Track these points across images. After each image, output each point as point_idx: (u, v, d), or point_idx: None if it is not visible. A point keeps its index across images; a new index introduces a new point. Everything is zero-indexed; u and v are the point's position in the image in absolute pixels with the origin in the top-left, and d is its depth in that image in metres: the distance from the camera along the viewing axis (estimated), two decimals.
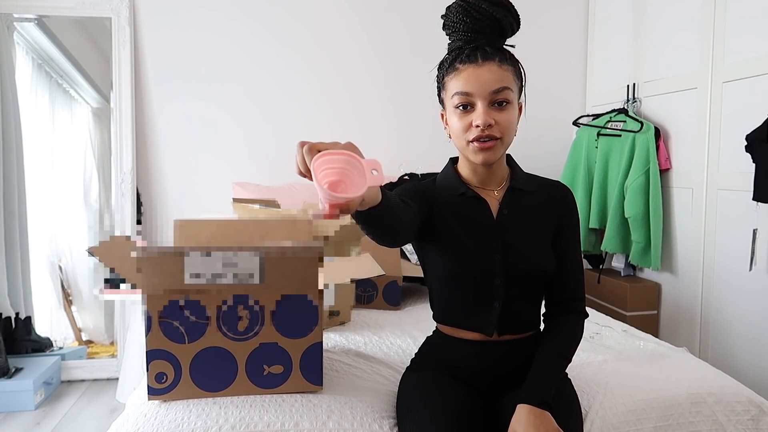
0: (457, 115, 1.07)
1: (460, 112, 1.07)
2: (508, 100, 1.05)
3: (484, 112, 1.04)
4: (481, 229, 1.14)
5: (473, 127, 1.05)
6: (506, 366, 1.15)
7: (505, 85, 1.05)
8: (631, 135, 2.55)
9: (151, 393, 1.15)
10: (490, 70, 1.04)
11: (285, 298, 1.17)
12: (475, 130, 1.05)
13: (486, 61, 1.05)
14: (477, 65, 1.05)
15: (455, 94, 1.06)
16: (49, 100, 2.79)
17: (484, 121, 1.03)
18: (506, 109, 1.06)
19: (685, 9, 2.41)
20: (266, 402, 1.16)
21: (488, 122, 1.03)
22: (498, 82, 1.04)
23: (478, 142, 1.05)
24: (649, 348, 1.60)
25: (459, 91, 1.06)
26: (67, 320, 2.81)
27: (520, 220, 1.16)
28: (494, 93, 1.04)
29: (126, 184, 2.71)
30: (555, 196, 1.19)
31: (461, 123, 1.07)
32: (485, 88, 1.04)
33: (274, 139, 2.92)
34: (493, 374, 1.15)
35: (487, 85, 1.04)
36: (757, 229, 2.05)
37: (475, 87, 1.04)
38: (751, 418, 1.28)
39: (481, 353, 1.15)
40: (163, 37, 2.77)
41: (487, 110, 1.04)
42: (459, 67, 1.06)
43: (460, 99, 1.06)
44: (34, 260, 2.71)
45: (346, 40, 2.95)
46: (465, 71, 1.05)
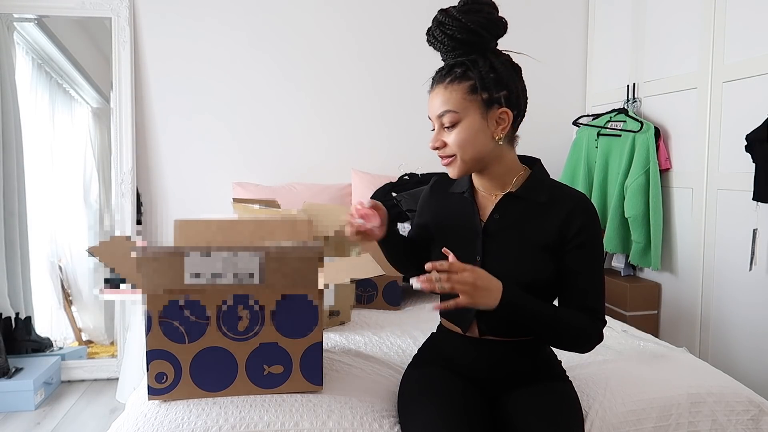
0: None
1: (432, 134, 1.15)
2: (452, 122, 1.09)
3: (434, 136, 1.13)
4: (468, 231, 1.18)
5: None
6: (502, 365, 1.15)
7: (447, 109, 1.09)
8: (631, 135, 2.55)
9: (151, 393, 1.15)
10: (436, 95, 1.11)
11: (285, 298, 1.17)
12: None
13: (436, 85, 1.12)
14: (431, 91, 1.14)
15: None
16: (49, 100, 2.79)
17: (432, 145, 1.13)
18: (455, 129, 1.10)
19: (685, 9, 2.41)
20: (266, 402, 1.16)
21: (434, 145, 1.13)
22: (440, 107, 1.10)
23: (442, 159, 1.14)
24: (649, 348, 1.60)
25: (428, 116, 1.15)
26: (67, 320, 2.81)
27: (511, 225, 1.14)
28: (439, 117, 1.11)
29: (126, 184, 2.71)
30: (562, 210, 1.12)
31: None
32: (433, 113, 1.12)
33: (275, 139, 2.92)
34: (489, 373, 1.16)
35: (433, 111, 1.12)
36: (757, 229, 2.05)
37: (431, 112, 1.13)
38: (751, 418, 1.28)
39: (475, 349, 1.16)
40: (163, 37, 2.77)
41: (439, 132, 1.12)
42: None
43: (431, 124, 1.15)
44: (34, 260, 2.71)
45: (345, 40, 2.95)
46: (429, 97, 1.15)
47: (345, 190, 2.86)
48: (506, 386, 1.15)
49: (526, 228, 1.14)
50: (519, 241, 1.13)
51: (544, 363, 1.20)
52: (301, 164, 2.93)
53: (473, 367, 1.17)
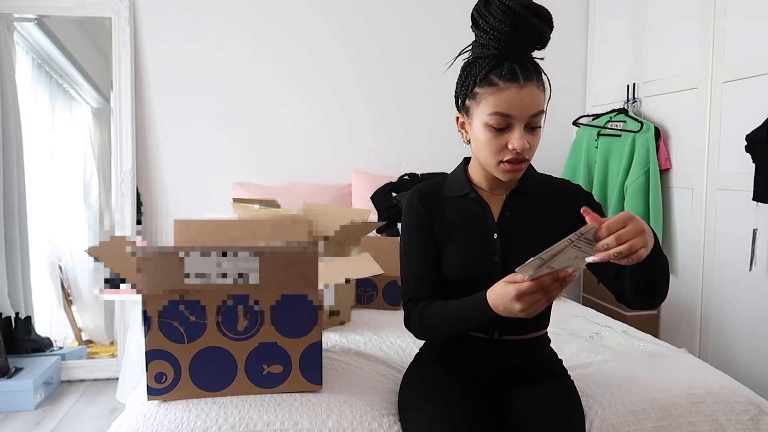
0: (491, 133, 1.04)
1: (495, 132, 1.04)
2: (540, 124, 1.05)
3: (521, 137, 1.02)
4: (482, 231, 1.14)
5: (508, 149, 1.03)
6: (512, 365, 1.15)
7: (542, 109, 1.04)
8: (631, 135, 2.55)
9: (150, 393, 1.15)
10: (531, 94, 1.01)
11: (284, 298, 1.17)
12: (509, 152, 1.03)
13: (528, 82, 1.01)
14: (519, 86, 1.00)
15: (494, 114, 1.02)
16: (49, 100, 2.79)
17: (522, 146, 1.02)
18: (537, 131, 1.05)
19: (685, 9, 2.41)
20: (266, 402, 1.16)
21: (525, 146, 1.02)
22: (537, 106, 1.02)
23: (511, 164, 1.04)
24: (649, 348, 1.59)
25: (500, 112, 1.02)
26: (67, 320, 2.82)
27: (523, 221, 1.14)
28: (532, 117, 1.03)
29: (126, 184, 2.71)
30: (564, 195, 1.17)
31: (495, 143, 1.04)
32: (526, 113, 1.01)
33: (275, 139, 2.92)
34: (498, 373, 1.15)
35: (528, 110, 1.01)
36: (757, 229, 2.05)
37: (517, 110, 1.01)
38: (751, 418, 1.27)
39: (486, 352, 1.15)
40: (163, 37, 2.77)
41: (524, 134, 1.03)
42: (499, 84, 1.01)
43: (499, 120, 1.02)
44: (34, 260, 2.71)
45: (345, 40, 2.95)
46: (507, 91, 1.01)
47: (345, 190, 2.86)
48: (509, 384, 1.15)
49: (537, 221, 1.14)
50: (534, 235, 1.13)
51: (547, 361, 1.21)
52: (300, 164, 2.93)
53: (482, 367, 1.16)
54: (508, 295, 0.92)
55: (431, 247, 1.16)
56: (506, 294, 0.93)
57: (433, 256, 1.16)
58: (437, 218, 1.16)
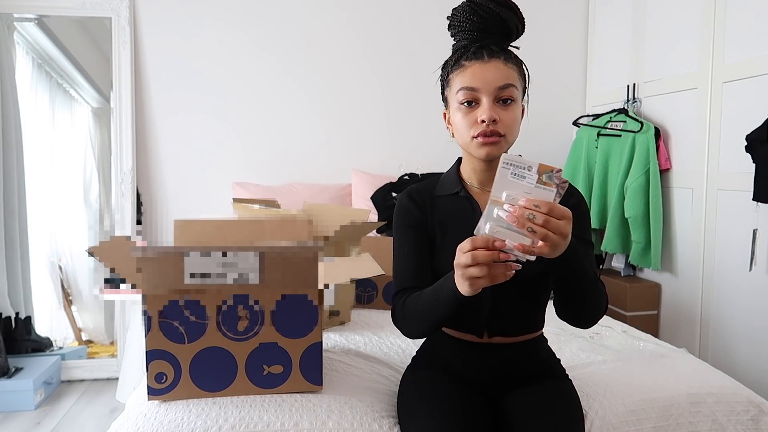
0: (462, 112, 1.07)
1: (465, 108, 1.07)
2: (512, 97, 1.05)
3: (489, 108, 1.04)
4: (470, 228, 1.13)
5: (478, 122, 1.05)
6: (505, 368, 1.15)
7: (510, 82, 1.05)
8: (631, 135, 2.55)
9: (150, 393, 1.15)
10: (496, 67, 1.05)
11: (285, 298, 1.17)
12: (480, 125, 1.05)
13: (492, 58, 1.05)
14: (483, 62, 1.05)
15: (460, 90, 1.07)
16: (49, 100, 2.79)
17: (489, 116, 1.03)
18: (510, 107, 1.06)
19: (685, 9, 2.41)
20: (266, 402, 1.16)
21: (493, 117, 1.03)
22: (503, 79, 1.04)
23: (483, 137, 1.05)
24: (649, 348, 1.60)
25: (464, 86, 1.06)
26: (67, 320, 2.82)
27: None
28: (499, 89, 1.04)
29: (126, 184, 2.71)
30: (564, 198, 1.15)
31: (466, 119, 1.07)
32: (491, 84, 1.04)
33: (275, 139, 2.92)
34: (491, 376, 1.15)
35: (493, 82, 1.04)
36: (757, 229, 2.05)
37: (481, 83, 1.04)
38: (751, 418, 1.28)
39: (478, 354, 1.15)
40: (163, 37, 2.77)
41: (492, 106, 1.04)
42: (464, 64, 1.07)
43: (465, 95, 1.06)
44: (34, 260, 2.71)
45: (345, 40, 2.95)
46: (471, 67, 1.06)
47: (345, 190, 2.86)
48: (507, 387, 1.14)
49: None
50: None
51: (545, 362, 1.21)
52: (301, 164, 2.93)
53: (476, 371, 1.15)
54: (459, 250, 0.89)
55: (422, 242, 1.16)
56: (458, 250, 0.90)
57: (424, 251, 1.16)
58: (428, 216, 1.17)
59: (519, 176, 0.83)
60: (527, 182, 0.83)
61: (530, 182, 0.82)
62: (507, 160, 0.83)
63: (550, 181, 0.83)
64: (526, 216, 0.82)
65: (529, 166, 0.82)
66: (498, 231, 0.84)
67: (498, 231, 0.84)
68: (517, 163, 0.83)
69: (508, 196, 0.83)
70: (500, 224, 0.83)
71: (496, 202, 0.84)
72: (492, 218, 0.84)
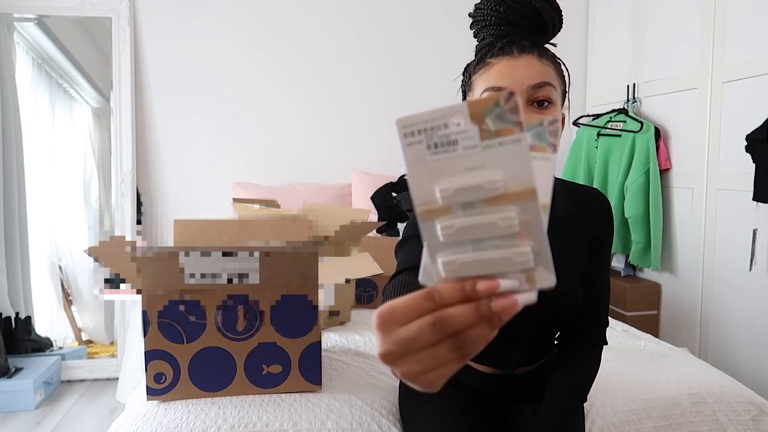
0: None
1: None
2: (549, 98, 0.87)
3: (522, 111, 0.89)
4: None
5: None
6: (517, 389, 1.09)
7: (547, 80, 0.86)
8: (631, 135, 2.55)
9: (150, 393, 1.15)
10: (529, 63, 0.87)
11: (284, 298, 1.17)
12: None
13: (523, 53, 0.87)
14: (512, 57, 0.87)
15: (485, 91, 0.88)
16: (49, 100, 2.79)
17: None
18: (548, 110, 0.87)
19: (685, 9, 2.41)
20: (265, 402, 1.15)
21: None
22: (537, 76, 0.86)
23: None
24: (650, 348, 1.59)
25: (490, 87, 0.87)
26: (67, 320, 2.81)
27: (558, 253, 0.99)
28: (533, 88, 0.86)
29: (126, 184, 2.71)
30: (590, 210, 1.01)
31: None
32: (522, 83, 0.85)
33: (275, 139, 2.92)
34: (502, 397, 1.10)
35: (525, 79, 0.85)
36: (757, 229, 2.05)
37: (510, 81, 0.86)
38: (752, 418, 1.27)
39: (494, 381, 1.07)
40: (163, 37, 2.77)
41: (526, 109, 0.85)
42: (490, 62, 0.89)
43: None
44: (34, 260, 2.71)
45: (344, 40, 2.95)
46: (497, 64, 0.88)
47: (345, 190, 2.86)
48: (517, 400, 1.09)
49: (570, 249, 0.97)
50: (567, 268, 0.95)
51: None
52: (301, 164, 2.93)
53: (486, 393, 1.08)
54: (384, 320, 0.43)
55: None
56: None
57: None
58: None
59: (443, 145, 0.41)
60: (465, 149, 0.41)
61: (470, 145, 0.40)
62: (405, 123, 0.41)
63: (510, 127, 0.40)
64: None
65: (449, 114, 0.40)
66: (463, 263, 0.42)
67: (463, 263, 0.42)
68: (426, 121, 0.41)
69: (444, 192, 0.41)
70: (459, 247, 0.42)
71: (429, 210, 0.42)
72: (436, 242, 0.42)
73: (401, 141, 0.42)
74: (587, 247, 1.00)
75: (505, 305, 0.40)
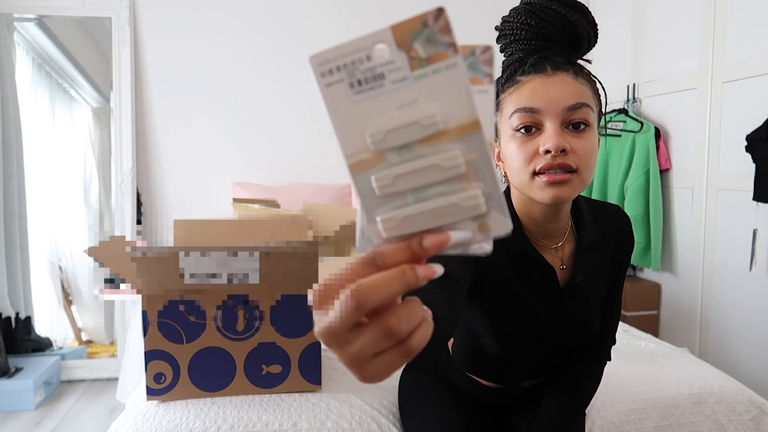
0: (518, 141, 0.80)
1: (522, 136, 0.80)
2: (586, 121, 0.80)
3: (556, 133, 0.77)
4: (542, 304, 0.91)
5: (540, 153, 0.78)
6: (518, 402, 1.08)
7: (584, 101, 0.80)
8: (631, 135, 2.55)
9: (149, 393, 1.15)
10: (564, 82, 0.80)
11: (284, 298, 1.17)
12: (543, 157, 0.78)
13: (557, 71, 0.80)
14: (546, 75, 0.80)
15: (515, 112, 0.80)
16: (49, 100, 2.79)
17: (557, 144, 0.76)
18: (585, 133, 0.80)
19: (685, 9, 2.41)
20: (265, 402, 1.15)
21: (562, 146, 0.77)
22: (574, 97, 0.79)
23: (548, 174, 0.78)
24: (650, 348, 1.59)
25: (521, 107, 0.80)
26: (67, 320, 2.82)
27: (589, 284, 0.93)
28: (569, 110, 0.79)
29: (126, 184, 2.71)
30: (613, 231, 0.97)
31: (523, 150, 0.80)
32: (557, 104, 0.78)
33: (275, 139, 2.92)
34: (502, 407, 1.09)
35: (560, 100, 0.78)
36: (757, 229, 2.05)
37: (544, 102, 0.79)
38: (752, 418, 1.27)
39: (494, 396, 1.06)
40: (163, 37, 2.77)
41: (560, 132, 0.79)
42: (521, 80, 0.82)
43: (522, 118, 0.79)
44: (34, 260, 2.72)
45: (342, 39, 2.95)
46: (529, 83, 0.81)
47: (345, 190, 2.86)
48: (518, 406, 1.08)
49: (594, 283, 0.94)
50: (595, 297, 0.95)
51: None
52: (300, 164, 2.93)
53: (488, 403, 1.07)
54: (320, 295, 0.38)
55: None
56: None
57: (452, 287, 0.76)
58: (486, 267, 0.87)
59: (368, 81, 0.36)
60: (393, 83, 0.35)
61: (399, 78, 0.35)
62: (321, 59, 0.39)
63: (443, 50, 0.35)
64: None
65: (370, 42, 0.36)
66: (406, 217, 0.37)
67: (406, 217, 0.37)
68: (345, 54, 0.37)
69: (375, 137, 0.36)
70: (399, 200, 0.37)
71: (360, 162, 0.37)
72: (372, 198, 0.37)
73: (318, 82, 0.37)
74: (610, 271, 0.97)
75: (437, 242, 0.35)
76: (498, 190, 0.36)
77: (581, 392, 1.00)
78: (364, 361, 0.35)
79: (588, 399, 1.01)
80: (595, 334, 0.98)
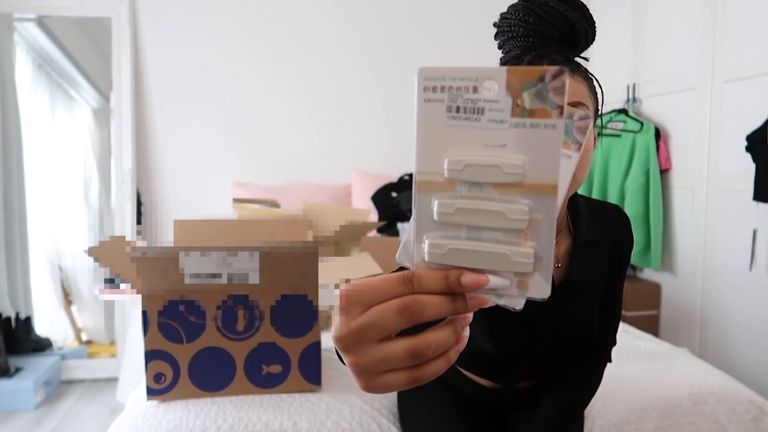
0: None
1: None
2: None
3: None
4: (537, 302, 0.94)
5: None
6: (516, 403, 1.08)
7: (580, 101, 0.80)
8: (631, 135, 2.55)
9: (149, 393, 1.15)
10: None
11: (284, 298, 1.17)
12: None
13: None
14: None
15: None
16: (49, 100, 2.79)
17: None
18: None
19: (685, 9, 2.41)
20: (265, 402, 1.15)
21: None
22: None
23: None
24: (650, 348, 1.59)
25: None
26: (67, 320, 2.81)
27: (582, 280, 0.94)
28: None
29: (126, 184, 2.71)
30: (612, 231, 0.97)
31: None
32: None
33: (275, 139, 2.92)
34: (500, 408, 1.09)
35: None
36: (757, 229, 2.05)
37: None
38: (752, 418, 1.27)
39: (491, 396, 1.06)
40: (163, 37, 2.77)
41: None
42: None
43: None
44: (34, 260, 2.71)
45: (343, 40, 2.95)
46: None
47: (345, 190, 2.86)
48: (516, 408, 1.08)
49: (590, 280, 0.94)
50: (591, 296, 0.94)
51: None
52: (300, 164, 2.93)
53: (486, 403, 1.07)
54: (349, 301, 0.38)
55: None
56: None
57: None
58: None
59: (466, 111, 0.36)
60: (490, 122, 0.36)
61: (497, 119, 0.36)
62: (429, 74, 0.36)
63: (548, 108, 0.35)
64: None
65: (482, 76, 0.35)
66: (453, 249, 0.37)
67: (453, 249, 0.37)
68: (454, 78, 0.36)
69: (453, 165, 0.36)
70: (452, 231, 0.37)
71: (429, 182, 0.37)
72: (428, 220, 0.37)
73: (418, 94, 0.36)
74: (608, 270, 0.97)
75: (474, 282, 0.35)
76: (550, 257, 0.36)
77: (580, 393, 0.99)
78: (374, 374, 0.36)
79: (587, 400, 1.01)
80: (593, 333, 0.97)
